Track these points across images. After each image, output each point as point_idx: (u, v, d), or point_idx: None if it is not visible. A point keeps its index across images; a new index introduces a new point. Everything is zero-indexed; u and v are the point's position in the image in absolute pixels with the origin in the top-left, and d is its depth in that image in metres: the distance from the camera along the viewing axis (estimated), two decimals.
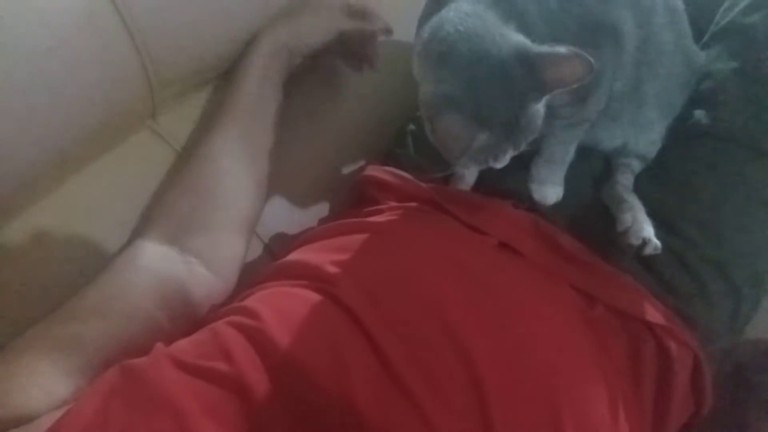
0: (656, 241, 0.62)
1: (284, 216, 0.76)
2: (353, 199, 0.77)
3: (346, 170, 0.83)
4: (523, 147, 0.58)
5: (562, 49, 0.52)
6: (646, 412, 0.59)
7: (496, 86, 0.54)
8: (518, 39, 0.55)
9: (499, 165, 0.59)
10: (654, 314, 0.61)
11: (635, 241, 0.61)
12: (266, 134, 0.70)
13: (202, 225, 0.64)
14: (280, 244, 0.74)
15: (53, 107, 0.56)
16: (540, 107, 0.56)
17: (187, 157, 0.69)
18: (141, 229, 0.64)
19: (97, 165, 0.67)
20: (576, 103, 0.61)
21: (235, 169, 0.67)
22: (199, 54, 0.69)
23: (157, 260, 0.60)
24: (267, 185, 0.71)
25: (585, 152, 0.69)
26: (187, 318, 0.58)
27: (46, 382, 0.49)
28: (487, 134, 0.55)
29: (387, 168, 0.75)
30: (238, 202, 0.67)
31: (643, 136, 0.70)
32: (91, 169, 0.66)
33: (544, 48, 0.53)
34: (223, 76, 0.76)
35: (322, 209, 0.80)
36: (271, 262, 0.68)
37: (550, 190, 0.67)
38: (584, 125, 0.64)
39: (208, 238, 0.64)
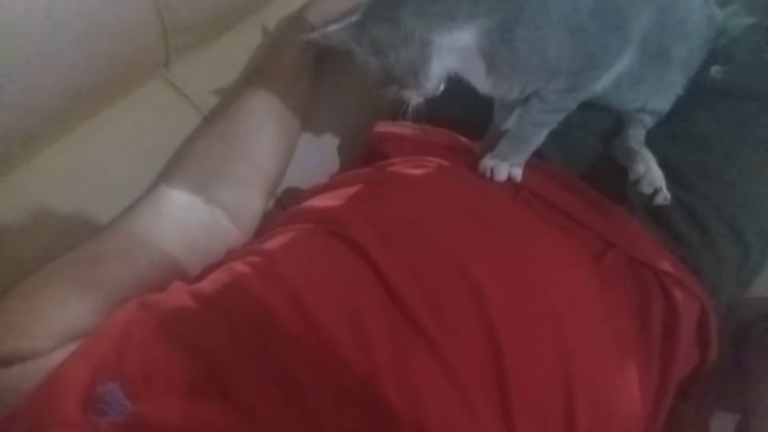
0: (666, 192, 0.62)
1: (296, 171, 0.76)
2: (364, 156, 0.77)
3: (359, 126, 0.82)
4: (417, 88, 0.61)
5: None
6: (653, 361, 0.59)
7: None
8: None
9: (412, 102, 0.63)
10: (663, 263, 0.61)
11: (647, 190, 0.61)
12: (302, 100, 0.71)
13: (233, 178, 0.64)
14: (291, 198, 0.75)
15: (72, 47, 0.56)
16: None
17: (225, 107, 0.69)
18: (167, 174, 0.64)
19: (109, 112, 0.67)
20: (567, 91, 0.61)
21: (273, 129, 0.67)
22: (214, 1, 0.68)
23: (183, 208, 0.61)
24: (294, 150, 0.71)
25: (593, 107, 0.69)
26: (207, 268, 0.59)
27: (68, 316, 0.50)
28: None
29: (398, 122, 0.75)
30: (270, 162, 0.68)
31: (662, 96, 0.70)
32: (103, 115, 0.66)
33: None
34: (238, 28, 0.76)
35: (334, 165, 0.81)
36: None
37: (505, 169, 0.65)
38: (562, 113, 0.64)
39: (237, 192, 0.64)
